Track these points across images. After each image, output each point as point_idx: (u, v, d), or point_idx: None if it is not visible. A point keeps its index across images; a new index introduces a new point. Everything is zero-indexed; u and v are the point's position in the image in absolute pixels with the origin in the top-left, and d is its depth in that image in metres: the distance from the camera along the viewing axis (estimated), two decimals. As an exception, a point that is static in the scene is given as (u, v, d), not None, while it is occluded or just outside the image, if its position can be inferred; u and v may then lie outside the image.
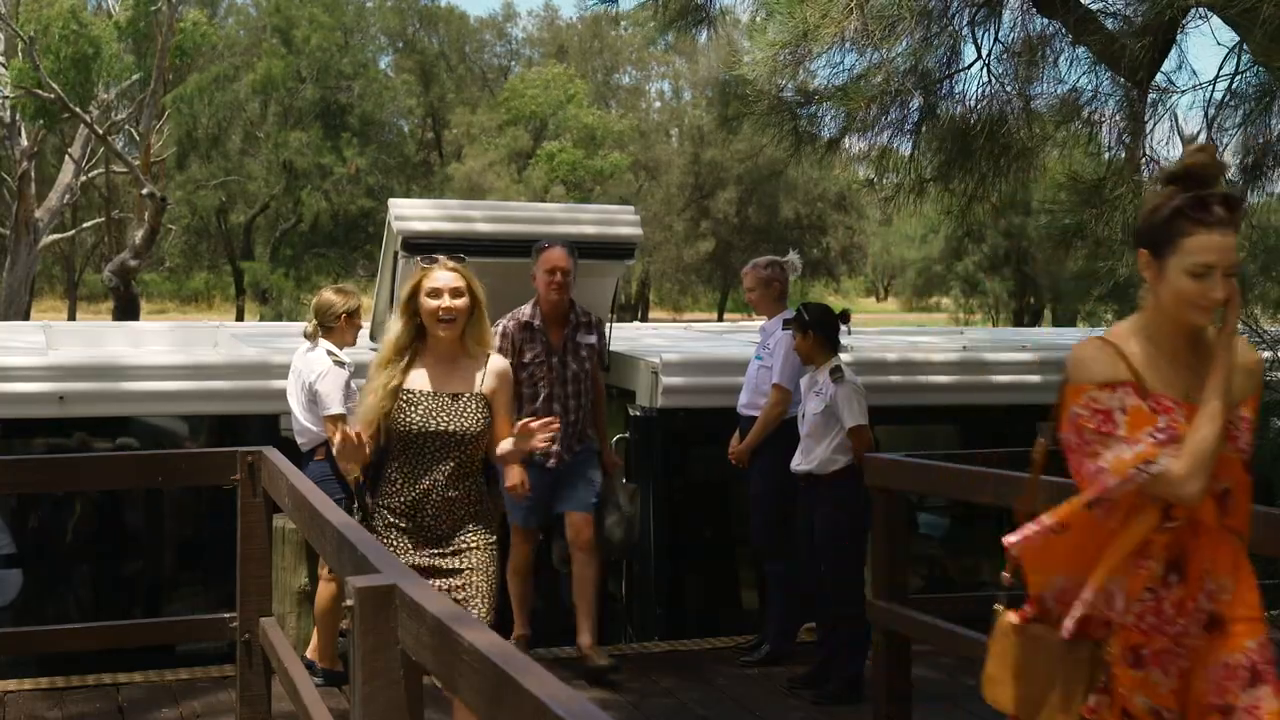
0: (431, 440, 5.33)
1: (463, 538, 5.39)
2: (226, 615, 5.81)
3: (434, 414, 5.33)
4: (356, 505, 6.14)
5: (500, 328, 7.48)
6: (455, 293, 5.34)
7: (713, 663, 8.46)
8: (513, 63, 61.84)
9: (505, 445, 5.45)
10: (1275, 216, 7.70)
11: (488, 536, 5.47)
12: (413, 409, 5.33)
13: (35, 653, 8.22)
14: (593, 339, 8.02)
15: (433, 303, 5.34)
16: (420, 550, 5.35)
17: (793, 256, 8.64)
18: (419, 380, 5.39)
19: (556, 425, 5.45)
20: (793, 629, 8.59)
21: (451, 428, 5.33)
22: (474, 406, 5.38)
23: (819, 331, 7.85)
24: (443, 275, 5.37)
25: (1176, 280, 3.52)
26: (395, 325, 5.47)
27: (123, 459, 7.10)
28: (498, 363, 5.56)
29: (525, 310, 7.75)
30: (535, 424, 5.31)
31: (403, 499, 5.37)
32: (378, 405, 5.33)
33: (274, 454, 5.54)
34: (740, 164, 47.47)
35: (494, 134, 52.18)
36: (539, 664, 2.57)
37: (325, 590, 7.89)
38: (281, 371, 8.48)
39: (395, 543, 5.35)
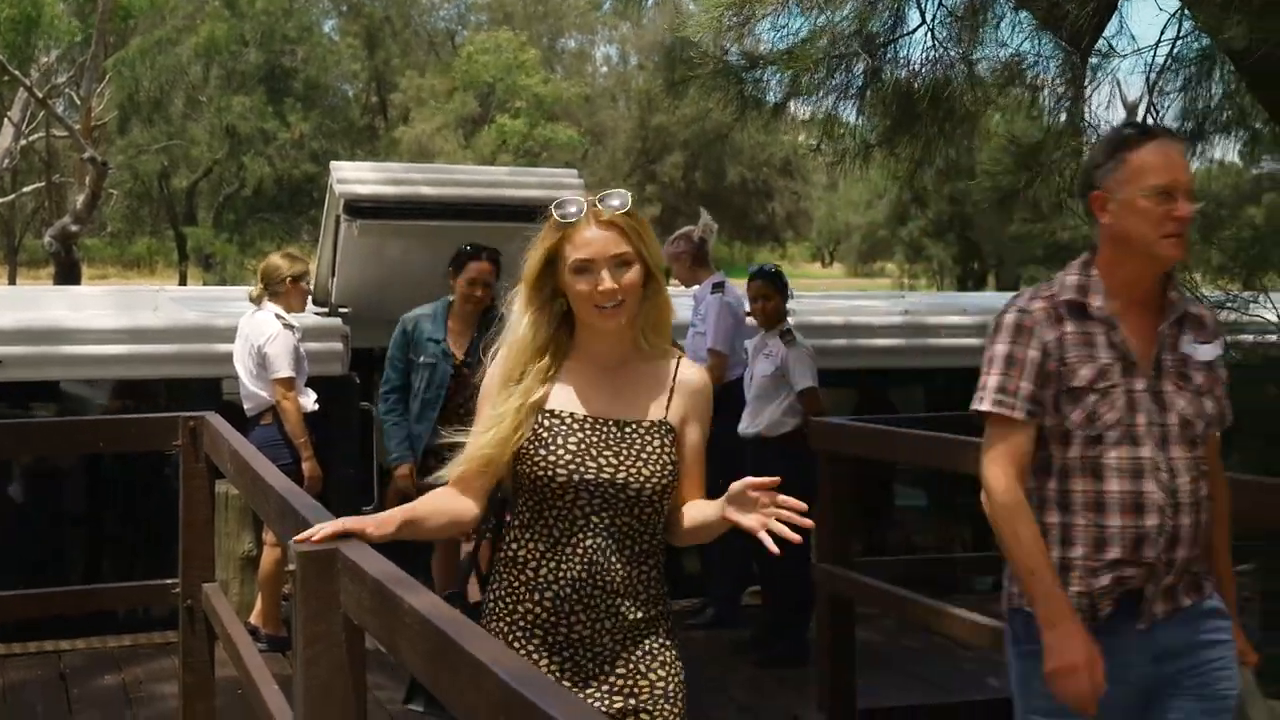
0: (588, 495, 3.30)
1: (642, 654, 3.40)
2: (169, 581, 5.78)
3: (592, 452, 3.32)
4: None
5: (1011, 315, 3.70)
6: (619, 262, 3.28)
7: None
8: (459, 27, 61.52)
9: (702, 511, 3.40)
10: (1216, 183, 7.76)
11: (674, 651, 3.48)
12: (557, 443, 3.32)
13: (-25, 620, 8.17)
14: (1214, 352, 3.87)
15: (583, 283, 3.29)
16: (575, 678, 3.36)
17: (704, 219, 8.62)
18: (565, 398, 3.39)
19: (773, 487, 3.18)
20: (738, 593, 8.63)
21: (620, 476, 3.30)
22: (655, 442, 3.36)
23: (783, 294, 7.95)
24: (595, 236, 3.29)
25: None
26: (522, 314, 3.42)
27: (62, 424, 7.04)
28: (691, 373, 3.48)
29: (1070, 281, 3.71)
30: (757, 482, 3.17)
31: (540, 592, 3.35)
32: (505, 436, 3.33)
33: (216, 419, 5.50)
34: (686, 128, 47.44)
35: (443, 99, 51.96)
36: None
37: (269, 556, 7.87)
38: (223, 335, 8.45)
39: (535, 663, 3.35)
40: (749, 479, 3.17)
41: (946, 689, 7.65)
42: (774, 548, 3.12)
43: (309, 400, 8.00)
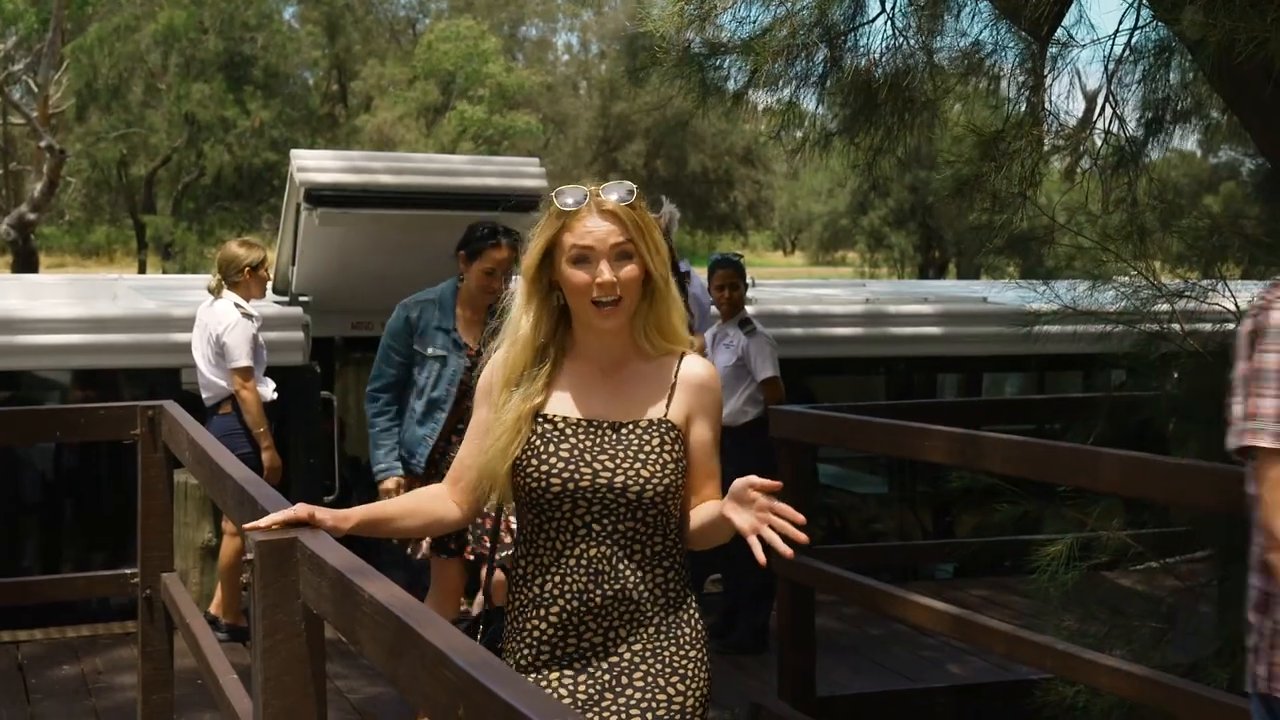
0: (585, 503, 3.17)
1: (661, 666, 3.21)
2: (128, 571, 5.75)
3: (586, 457, 3.18)
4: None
5: None
6: (619, 252, 3.14)
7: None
8: (420, 15, 61.31)
9: (708, 511, 3.23)
10: (1175, 171, 7.81)
11: (698, 662, 3.27)
12: (549, 450, 3.19)
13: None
14: None
15: (580, 274, 3.15)
16: (589, 691, 3.21)
17: (667, 207, 8.60)
18: (560, 402, 3.26)
19: (774, 491, 2.93)
20: (698, 580, 8.64)
21: (618, 480, 3.16)
22: (654, 442, 3.21)
23: (745, 283, 8.00)
24: (595, 225, 3.15)
25: None
26: (523, 310, 3.27)
27: (18, 414, 6.99)
28: (696, 368, 3.31)
29: None
30: (759, 484, 2.97)
31: (546, 607, 3.22)
32: (505, 446, 3.21)
33: (174, 408, 5.48)
34: (648, 116, 47.40)
35: (403, 87, 51.78)
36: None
37: (229, 545, 7.85)
38: (182, 324, 8.41)
39: (548, 685, 3.22)
40: (751, 478, 2.96)
41: (907, 675, 7.69)
42: (761, 557, 2.91)
43: (268, 389, 7.98)
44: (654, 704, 3.19)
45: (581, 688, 3.19)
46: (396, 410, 6.47)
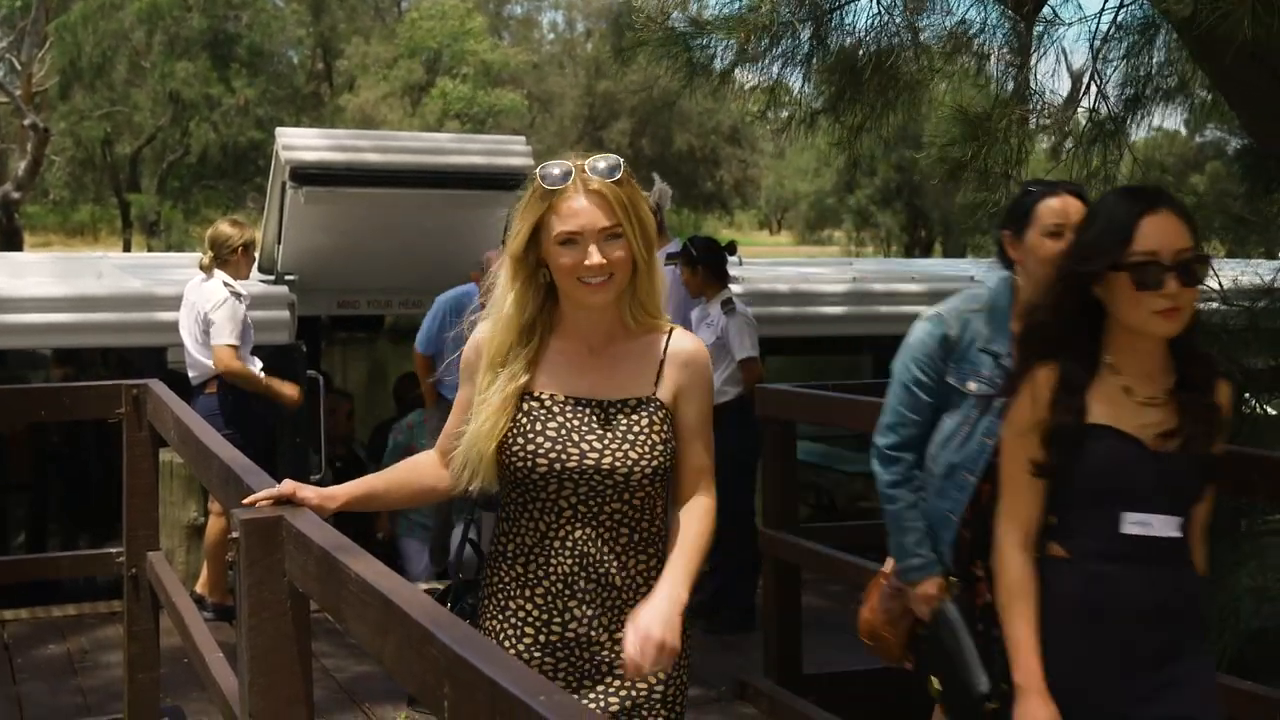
0: (572, 484, 3.10)
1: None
2: (113, 550, 5.74)
3: (574, 437, 3.11)
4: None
5: None
6: (608, 235, 3.04)
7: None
8: (405, -8, 61.16)
9: (672, 547, 3.16)
10: (1161, 151, 7.80)
11: (679, 659, 3.19)
12: (536, 429, 3.12)
13: (-82, 590, 8.11)
14: None
15: (568, 256, 3.05)
16: (569, 679, 3.17)
17: (659, 186, 8.59)
18: (547, 380, 3.17)
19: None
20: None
21: (605, 461, 3.08)
22: (643, 421, 3.12)
23: (706, 264, 7.95)
24: (582, 206, 3.04)
25: None
26: (507, 289, 3.18)
27: (3, 393, 6.98)
28: (685, 344, 3.22)
29: None
30: (659, 651, 2.97)
31: (531, 588, 3.17)
32: (490, 428, 3.12)
33: (159, 386, 5.46)
34: (634, 95, 47.34)
35: (387, 65, 51.65)
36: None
37: (215, 525, 7.84)
38: (167, 303, 8.39)
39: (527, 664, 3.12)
40: (656, 639, 2.92)
41: (892, 654, 7.69)
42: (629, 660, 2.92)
43: (254, 369, 7.97)
44: (634, 692, 3.14)
45: (561, 678, 3.14)
46: (919, 480, 4.15)
